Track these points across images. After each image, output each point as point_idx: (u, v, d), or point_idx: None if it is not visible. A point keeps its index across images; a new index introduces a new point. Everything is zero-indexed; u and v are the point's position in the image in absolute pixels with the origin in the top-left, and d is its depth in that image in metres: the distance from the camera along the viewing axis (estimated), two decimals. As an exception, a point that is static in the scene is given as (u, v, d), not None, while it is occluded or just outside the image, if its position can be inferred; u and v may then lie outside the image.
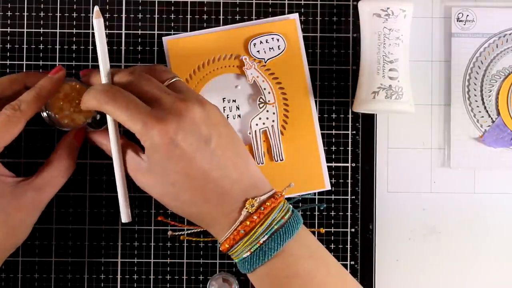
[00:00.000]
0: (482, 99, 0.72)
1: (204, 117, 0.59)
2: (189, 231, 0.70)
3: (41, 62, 0.71)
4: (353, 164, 0.72)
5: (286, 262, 0.58)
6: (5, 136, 0.61)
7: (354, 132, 0.72)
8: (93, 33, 0.71)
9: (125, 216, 0.64)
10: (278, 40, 0.71)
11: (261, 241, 0.58)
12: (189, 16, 0.72)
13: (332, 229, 0.72)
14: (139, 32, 0.72)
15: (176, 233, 0.71)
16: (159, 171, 0.59)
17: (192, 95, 0.60)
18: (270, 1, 0.72)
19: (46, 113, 0.66)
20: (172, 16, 0.72)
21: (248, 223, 0.58)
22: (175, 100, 0.59)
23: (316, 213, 0.71)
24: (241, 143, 0.62)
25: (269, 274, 0.59)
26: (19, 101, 0.62)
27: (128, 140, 0.63)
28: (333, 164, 0.72)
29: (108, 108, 0.59)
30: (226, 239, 0.59)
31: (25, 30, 0.71)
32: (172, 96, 0.59)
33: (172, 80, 0.62)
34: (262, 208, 0.58)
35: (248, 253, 0.58)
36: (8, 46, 0.71)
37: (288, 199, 0.70)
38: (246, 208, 0.58)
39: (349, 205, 0.72)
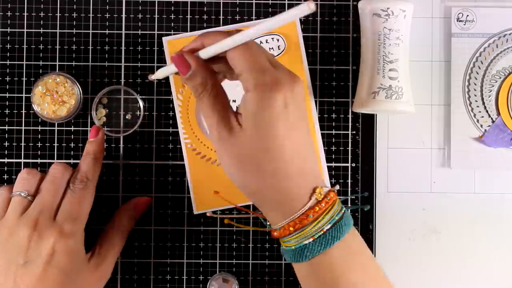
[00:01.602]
0: (482, 99, 0.72)
1: (304, 97, 0.58)
2: (236, 216, 0.70)
3: (41, 62, 0.71)
4: (353, 164, 0.72)
5: (343, 252, 0.58)
6: (87, 207, 0.65)
7: (354, 132, 0.72)
8: (93, 33, 0.71)
9: None
10: (278, 40, 0.71)
11: (324, 229, 0.57)
12: (189, 16, 0.72)
13: (332, 229, 0.72)
14: (139, 32, 0.72)
15: (216, 215, 0.70)
16: (257, 132, 0.56)
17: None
18: (270, 1, 0.72)
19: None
20: (172, 16, 0.72)
21: (317, 209, 0.57)
22: (286, 68, 0.58)
23: (349, 209, 0.71)
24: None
25: (325, 263, 0.58)
26: (83, 173, 0.66)
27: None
28: (333, 164, 0.72)
29: (238, 48, 0.57)
30: (291, 221, 0.57)
31: (25, 30, 0.71)
32: (282, 65, 0.59)
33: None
34: (328, 198, 0.58)
35: (311, 240, 0.57)
36: (8, 46, 0.71)
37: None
38: (315, 195, 0.58)
39: (349, 205, 0.72)
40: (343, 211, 0.59)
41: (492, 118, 0.72)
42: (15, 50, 0.71)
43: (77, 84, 0.69)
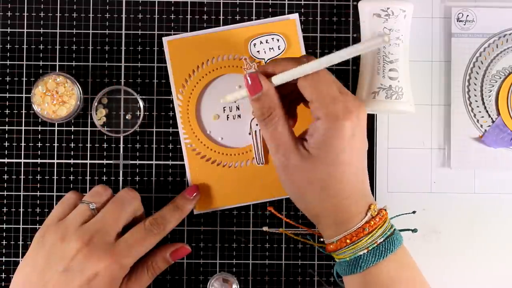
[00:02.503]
0: (482, 99, 0.72)
1: (366, 122, 0.61)
2: (294, 230, 0.72)
3: (41, 62, 0.71)
4: (353, 164, 0.72)
5: (394, 266, 0.61)
6: (146, 250, 0.65)
7: (354, 132, 0.72)
8: (93, 33, 0.71)
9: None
10: (278, 40, 0.71)
11: (378, 242, 0.60)
12: (189, 16, 0.72)
13: (332, 229, 0.72)
14: (139, 32, 0.72)
15: (272, 230, 0.71)
16: (326, 158, 0.59)
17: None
18: (270, 1, 0.72)
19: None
20: (172, 16, 0.72)
21: (372, 223, 0.61)
22: (352, 95, 0.60)
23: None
24: None
25: (377, 275, 0.61)
26: (164, 220, 0.66)
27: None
28: (333, 164, 0.72)
29: (312, 77, 0.59)
30: (348, 235, 0.60)
31: (25, 30, 0.71)
32: (350, 93, 0.61)
33: None
34: (381, 214, 0.62)
35: (365, 251, 0.60)
36: (8, 46, 0.71)
37: None
38: (371, 211, 0.61)
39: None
40: (393, 228, 0.62)
41: (492, 118, 0.72)
42: (15, 50, 0.71)
43: (77, 84, 0.69)
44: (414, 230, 0.69)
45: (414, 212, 0.71)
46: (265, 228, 0.71)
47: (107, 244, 0.62)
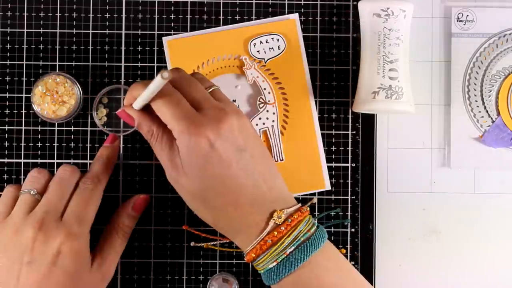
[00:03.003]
0: (482, 99, 0.72)
1: (241, 128, 0.60)
2: (216, 242, 0.71)
3: (41, 62, 0.71)
4: (353, 164, 0.72)
5: (313, 273, 0.59)
6: (93, 209, 0.65)
7: (354, 132, 0.72)
8: (93, 33, 0.71)
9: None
10: (278, 40, 0.71)
11: (287, 252, 0.59)
12: (189, 16, 0.72)
13: (332, 229, 0.72)
14: (139, 32, 0.72)
15: (199, 244, 0.71)
16: (193, 173, 0.59)
17: (230, 105, 0.62)
18: (270, 1, 0.72)
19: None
20: (172, 16, 0.72)
21: (275, 233, 0.59)
22: (215, 107, 0.60)
23: (316, 213, 0.71)
24: (271, 158, 0.63)
25: (295, 285, 0.59)
26: (94, 173, 0.66)
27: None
28: (333, 164, 0.72)
29: (157, 101, 0.60)
30: (253, 248, 0.60)
31: (25, 30, 0.71)
32: (213, 103, 0.61)
33: (212, 89, 0.63)
34: (289, 220, 0.59)
35: (275, 263, 0.59)
36: (8, 46, 0.71)
37: (313, 216, 0.71)
38: (274, 219, 0.59)
39: (349, 205, 0.72)
40: (312, 230, 0.60)
41: (492, 118, 0.72)
42: (15, 50, 0.71)
43: (77, 84, 0.69)
44: (346, 221, 0.69)
45: (346, 222, 0.70)
46: (192, 243, 0.71)
47: (57, 221, 0.63)
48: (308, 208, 0.63)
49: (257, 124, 0.71)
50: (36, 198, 0.64)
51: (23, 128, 0.71)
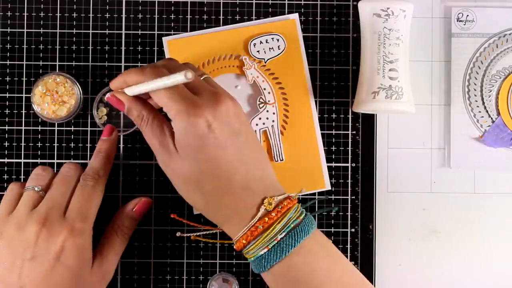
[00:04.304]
0: (482, 99, 0.72)
1: (236, 112, 0.61)
2: (202, 232, 0.70)
3: (41, 62, 0.71)
4: (353, 164, 0.72)
5: (304, 259, 0.59)
6: (96, 205, 0.65)
7: (354, 132, 0.72)
8: (93, 33, 0.71)
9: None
10: (278, 40, 0.71)
11: (278, 238, 0.59)
12: (189, 16, 0.72)
13: (332, 229, 0.72)
14: (139, 32, 0.72)
15: (185, 234, 0.71)
16: (189, 156, 0.59)
17: (224, 91, 0.62)
18: (270, 1, 0.72)
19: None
20: (172, 16, 0.72)
21: (266, 219, 0.59)
22: (211, 91, 0.61)
23: (316, 213, 0.71)
24: (261, 146, 0.64)
25: (286, 271, 0.59)
26: (94, 170, 0.66)
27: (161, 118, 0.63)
28: (333, 164, 0.72)
29: (142, 85, 0.60)
30: (243, 234, 0.60)
31: (25, 30, 0.71)
32: (208, 87, 0.61)
33: (204, 77, 0.64)
34: (280, 207, 0.60)
35: (266, 250, 0.59)
36: (8, 46, 0.71)
37: (301, 203, 0.71)
38: (264, 205, 0.60)
39: (349, 205, 0.72)
40: (301, 218, 0.60)
41: (492, 118, 0.72)
42: (15, 50, 0.71)
43: (77, 84, 0.69)
44: (333, 209, 0.69)
45: (334, 210, 0.71)
46: (178, 234, 0.71)
47: (61, 217, 0.63)
48: (297, 197, 0.63)
49: (257, 124, 0.71)
50: (40, 194, 0.65)
51: (23, 128, 0.71)
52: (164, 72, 0.60)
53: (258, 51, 0.71)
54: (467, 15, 0.72)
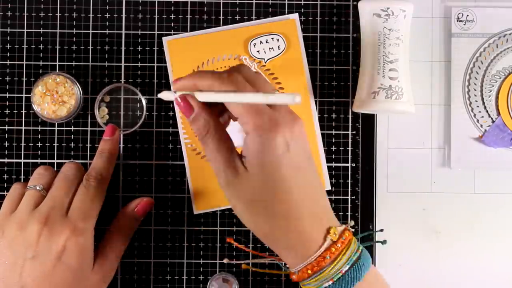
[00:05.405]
0: (482, 99, 0.72)
1: (306, 135, 0.57)
2: (255, 261, 0.69)
3: (41, 62, 0.71)
4: (353, 164, 0.72)
5: None
6: (98, 206, 0.65)
7: (354, 132, 0.72)
8: (93, 33, 0.71)
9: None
10: (278, 40, 0.71)
11: (343, 271, 0.56)
12: (189, 16, 0.72)
13: (332, 229, 0.72)
14: (139, 32, 0.72)
15: (235, 262, 0.70)
16: (261, 175, 0.55)
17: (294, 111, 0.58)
18: (270, 1, 0.72)
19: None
20: (172, 16, 0.72)
21: (333, 250, 0.56)
22: (286, 109, 0.56)
23: (366, 245, 0.71)
24: None
25: None
26: (98, 170, 0.67)
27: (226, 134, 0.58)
28: (333, 164, 0.72)
29: (232, 95, 0.55)
30: (308, 264, 0.56)
31: (25, 30, 0.71)
32: (284, 107, 0.57)
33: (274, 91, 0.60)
34: (343, 238, 0.56)
35: (330, 282, 0.56)
36: (8, 46, 0.71)
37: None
38: (330, 236, 0.56)
39: (349, 205, 0.72)
40: (360, 250, 0.57)
41: (492, 118, 0.72)
42: (15, 50, 0.71)
43: (77, 84, 0.70)
44: (384, 242, 0.69)
45: (384, 243, 0.71)
46: (225, 260, 0.70)
47: (63, 217, 0.63)
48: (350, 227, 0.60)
49: (257, 124, 0.71)
50: (42, 193, 0.65)
51: (23, 128, 0.71)
52: (243, 84, 0.55)
53: (258, 51, 0.71)
54: (467, 15, 0.72)
